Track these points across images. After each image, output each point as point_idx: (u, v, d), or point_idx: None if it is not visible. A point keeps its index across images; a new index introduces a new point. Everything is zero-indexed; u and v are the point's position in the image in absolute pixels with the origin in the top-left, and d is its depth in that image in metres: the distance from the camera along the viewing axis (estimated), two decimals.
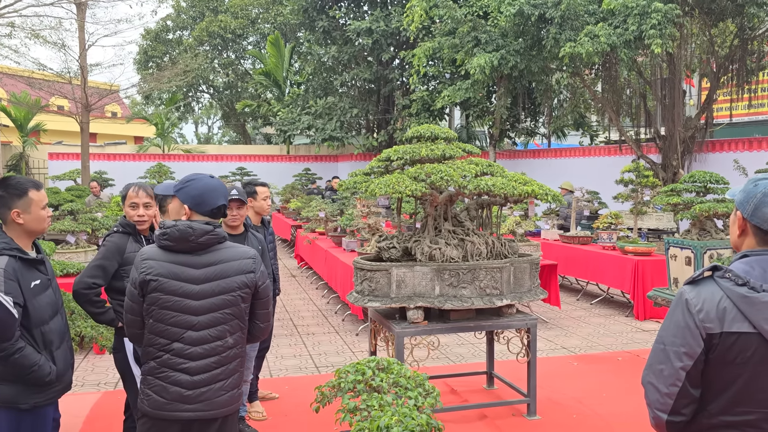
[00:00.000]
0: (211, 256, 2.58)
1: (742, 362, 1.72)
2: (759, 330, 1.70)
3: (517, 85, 15.92)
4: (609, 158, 15.98)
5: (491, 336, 5.41)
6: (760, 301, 1.69)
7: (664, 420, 1.83)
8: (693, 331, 1.76)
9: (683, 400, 1.80)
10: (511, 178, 4.67)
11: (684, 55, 14.08)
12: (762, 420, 1.74)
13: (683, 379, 1.78)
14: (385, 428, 1.59)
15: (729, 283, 1.75)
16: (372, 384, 2.09)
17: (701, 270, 1.86)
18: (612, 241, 8.83)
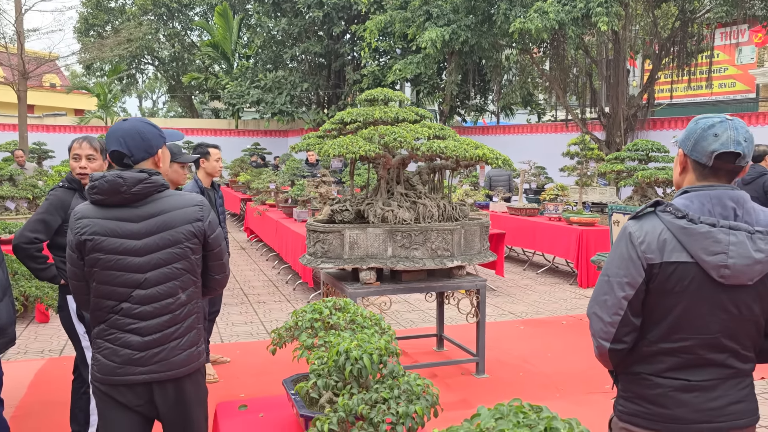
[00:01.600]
0: (152, 207, 2.35)
1: (680, 291, 1.82)
2: (696, 259, 1.80)
3: (467, 60, 16.04)
4: (555, 135, 16.35)
5: (441, 299, 5.51)
6: (698, 231, 1.79)
7: (607, 348, 1.92)
8: (635, 261, 1.85)
9: (625, 329, 1.89)
10: (462, 141, 4.74)
11: (628, 36, 14.45)
12: (697, 346, 1.85)
13: (625, 308, 1.87)
14: (345, 352, 1.62)
15: (669, 216, 1.84)
16: (329, 322, 2.11)
17: (644, 205, 1.95)
18: (558, 212, 9.08)
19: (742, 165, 1.85)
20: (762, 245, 1.78)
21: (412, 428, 1.50)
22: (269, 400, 2.54)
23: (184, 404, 2.39)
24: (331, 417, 1.54)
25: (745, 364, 1.90)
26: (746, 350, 1.88)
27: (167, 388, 2.36)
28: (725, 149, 1.81)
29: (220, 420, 2.39)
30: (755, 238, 1.78)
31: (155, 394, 2.35)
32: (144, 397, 2.35)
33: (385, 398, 1.53)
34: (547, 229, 8.90)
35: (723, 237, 1.78)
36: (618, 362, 1.97)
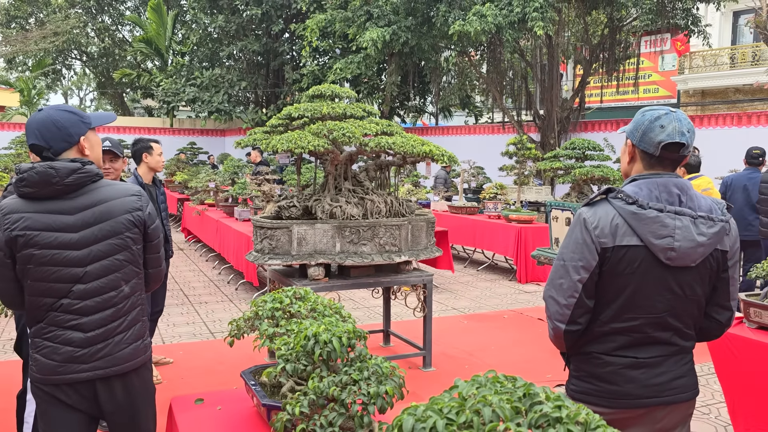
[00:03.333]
0: (87, 198, 2.23)
1: (630, 273, 1.92)
2: (645, 242, 1.90)
3: (407, 62, 16.21)
4: (493, 136, 16.73)
5: (388, 295, 5.56)
6: (647, 216, 1.90)
7: (563, 329, 2.01)
8: (590, 246, 1.95)
9: (579, 310, 1.98)
10: (409, 138, 4.80)
11: (561, 42, 14.97)
12: (645, 325, 1.96)
13: (580, 291, 1.96)
14: (314, 336, 1.63)
15: (620, 203, 1.95)
16: (290, 311, 2.11)
17: (597, 193, 2.06)
18: (497, 210, 9.30)
19: (685, 154, 1.98)
20: (704, 229, 1.91)
21: (383, 408, 1.52)
22: (226, 393, 2.50)
23: (131, 401, 2.31)
24: (301, 400, 1.54)
25: (687, 341, 2.02)
26: (688, 329, 2.01)
27: (113, 385, 2.28)
28: (671, 140, 1.93)
29: (176, 414, 2.34)
30: (698, 223, 1.91)
31: (100, 392, 2.27)
32: (88, 396, 2.26)
33: (356, 380, 1.55)
34: (487, 227, 9.10)
35: (669, 221, 1.89)
36: (572, 343, 2.06)
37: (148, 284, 2.46)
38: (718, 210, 1.97)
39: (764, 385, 3.08)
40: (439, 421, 0.99)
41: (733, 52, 21.02)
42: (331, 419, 1.50)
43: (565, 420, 0.99)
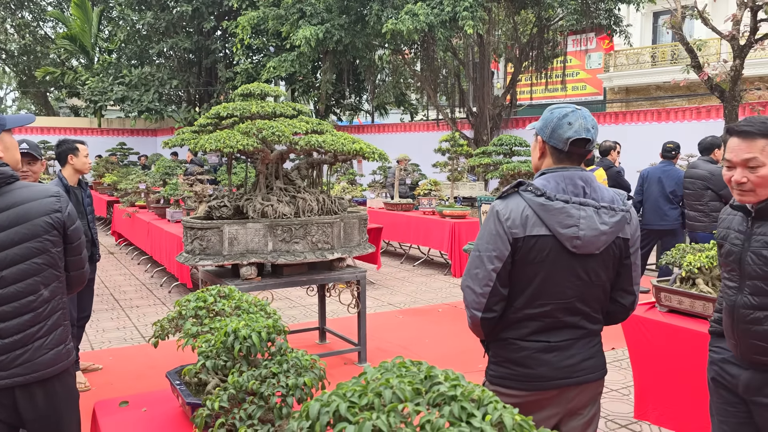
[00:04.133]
0: (2, 201, 2.18)
1: (540, 261, 2.03)
2: (553, 232, 2.02)
3: (342, 60, 16.23)
4: (428, 134, 16.96)
5: (323, 292, 5.59)
6: (554, 207, 2.02)
7: (479, 317, 2.10)
8: (502, 236, 2.04)
9: (494, 298, 2.07)
10: (340, 136, 4.84)
11: (492, 40, 15.33)
12: (555, 310, 2.07)
13: (494, 280, 2.06)
14: (233, 332, 1.66)
15: (530, 195, 2.05)
16: (214, 309, 2.12)
17: (508, 186, 2.16)
18: (431, 206, 9.46)
19: (590, 149, 2.11)
20: (606, 218, 2.04)
21: (301, 399, 1.56)
22: (152, 395, 2.48)
23: (54, 408, 2.26)
24: (221, 395, 1.57)
25: (595, 325, 2.15)
26: (595, 313, 2.14)
27: (34, 392, 2.21)
28: (578, 136, 2.05)
29: (99, 418, 2.31)
30: (601, 213, 2.04)
31: (19, 400, 2.19)
32: (7, 404, 2.19)
33: (275, 373, 1.59)
34: (422, 223, 9.25)
35: (575, 212, 2.01)
36: (489, 331, 2.15)
37: (71, 287, 2.41)
38: (620, 200, 2.11)
39: (672, 366, 3.28)
40: (342, 404, 1.04)
41: (654, 51, 22.04)
42: (251, 412, 1.53)
43: (460, 398, 1.06)
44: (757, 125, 2.13)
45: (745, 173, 2.13)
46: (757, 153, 2.11)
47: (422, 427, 1.01)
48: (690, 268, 3.33)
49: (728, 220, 2.32)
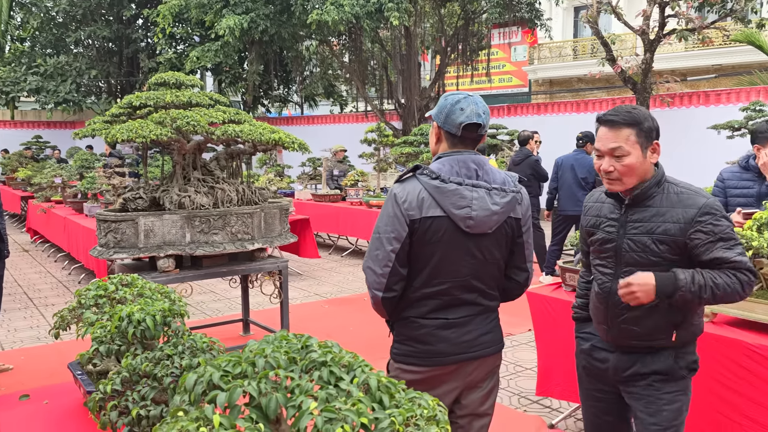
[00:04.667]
0: None
1: (436, 241, 2.12)
2: (447, 213, 2.10)
3: (268, 50, 16.04)
4: (357, 125, 17.01)
5: (246, 283, 5.56)
6: (447, 189, 2.10)
7: (380, 297, 2.17)
8: (400, 218, 2.12)
9: (394, 278, 2.14)
10: (259, 126, 4.82)
11: (419, 32, 15.51)
12: (452, 288, 2.16)
13: (393, 260, 2.13)
14: (127, 316, 1.66)
15: (426, 178, 2.13)
16: (116, 297, 2.10)
17: (406, 170, 2.23)
18: (359, 197, 9.53)
19: (482, 134, 2.20)
20: (497, 199, 2.14)
21: None
22: (55, 387, 2.43)
23: None
24: (114, 378, 1.57)
25: (491, 301, 2.25)
26: (491, 290, 2.24)
27: None
28: (470, 120, 2.14)
29: None
30: (492, 194, 2.14)
31: None
32: None
33: (170, 355, 1.61)
34: (350, 214, 9.30)
35: (468, 193, 2.10)
36: (391, 310, 2.23)
37: None
38: (510, 182, 2.22)
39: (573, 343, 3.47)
40: (215, 373, 1.08)
41: (575, 45, 22.85)
42: (144, 393, 1.54)
43: (330, 363, 1.11)
44: (622, 114, 2.15)
45: (612, 162, 2.16)
46: (621, 142, 2.14)
47: (292, 391, 1.06)
48: None
49: (596, 208, 2.34)
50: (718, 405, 2.82)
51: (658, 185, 2.19)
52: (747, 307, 2.82)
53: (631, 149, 2.14)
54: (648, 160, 2.17)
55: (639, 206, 2.19)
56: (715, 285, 2.08)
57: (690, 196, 2.15)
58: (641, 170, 2.16)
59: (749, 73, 16.30)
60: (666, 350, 2.20)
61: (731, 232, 2.13)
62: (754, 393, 2.69)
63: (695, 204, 2.12)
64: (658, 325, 2.17)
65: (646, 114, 2.17)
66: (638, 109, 2.18)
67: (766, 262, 2.77)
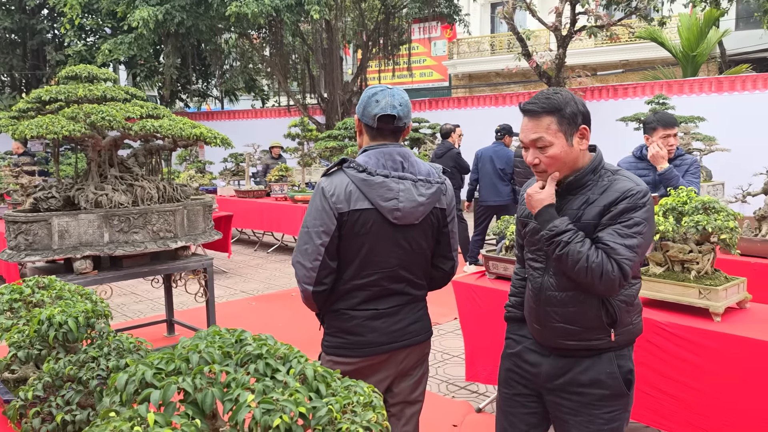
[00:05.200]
0: None
1: (364, 233, 2.14)
2: (375, 205, 2.13)
3: (185, 43, 15.57)
4: (280, 120, 16.81)
5: (169, 283, 5.41)
6: (375, 182, 2.13)
7: (311, 291, 2.18)
8: (328, 212, 2.13)
9: (324, 272, 2.16)
10: (179, 120, 4.69)
11: (340, 26, 15.48)
12: (381, 279, 2.19)
13: (323, 254, 2.14)
14: (48, 319, 1.59)
15: (353, 171, 2.16)
16: (32, 301, 2.01)
17: (333, 164, 2.25)
18: (283, 192, 9.44)
19: (400, 125, 2.21)
20: (423, 190, 2.19)
21: None
22: None
23: None
24: (35, 384, 1.51)
25: (419, 291, 2.31)
26: (419, 279, 2.29)
27: None
28: (384, 112, 2.17)
29: None
30: (418, 185, 2.18)
31: None
32: None
33: (95, 357, 1.56)
34: (275, 209, 9.20)
35: (394, 185, 2.14)
36: (322, 303, 2.24)
37: None
38: (435, 173, 2.27)
39: (498, 329, 3.59)
40: (147, 371, 1.06)
41: (492, 40, 23.45)
42: (69, 398, 1.49)
43: (266, 355, 1.12)
44: (541, 102, 1.99)
45: (536, 154, 2.02)
46: (542, 132, 1.98)
47: (228, 386, 1.06)
48: (513, 237, 3.65)
49: None
50: None
51: (593, 173, 2.04)
52: (655, 287, 3.01)
53: (554, 139, 1.98)
54: (576, 147, 2.00)
55: (571, 194, 2.05)
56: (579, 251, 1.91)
57: (619, 182, 1.99)
58: (569, 159, 2.00)
59: (653, 68, 17.28)
60: (605, 354, 2.04)
61: (641, 224, 1.94)
62: (663, 367, 2.89)
63: (620, 189, 1.97)
64: (592, 323, 2.01)
65: (568, 98, 1.99)
66: (560, 93, 2.00)
67: (672, 244, 2.97)
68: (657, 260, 3.08)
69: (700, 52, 15.34)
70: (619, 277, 1.90)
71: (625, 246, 1.92)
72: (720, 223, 2.82)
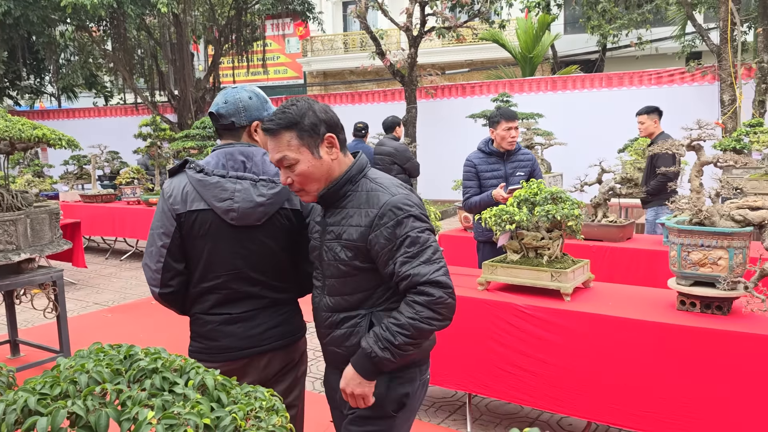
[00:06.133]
0: None
1: (204, 234, 2.08)
2: (210, 206, 2.06)
3: (13, 35, 14.13)
4: (127, 118, 15.86)
5: (11, 299, 4.92)
6: (209, 182, 2.07)
7: (158, 293, 2.12)
8: (167, 213, 2.08)
9: (168, 273, 2.09)
10: (17, 121, 4.28)
11: (190, 21, 14.87)
12: (229, 281, 2.11)
13: (165, 255, 2.08)
14: None
15: (192, 172, 2.10)
16: None
17: (176, 165, 2.19)
18: (136, 195, 8.92)
19: (226, 123, 2.15)
20: (264, 191, 2.09)
21: None
22: None
23: None
24: None
25: (280, 294, 2.18)
26: (277, 281, 2.17)
27: None
28: (211, 110, 2.19)
29: None
30: (259, 185, 2.09)
31: None
32: None
33: None
34: (127, 214, 8.68)
35: (230, 186, 2.06)
36: (177, 306, 2.18)
37: None
38: None
39: None
40: (30, 398, 0.99)
41: (346, 38, 23.72)
42: None
43: (161, 369, 1.09)
44: (277, 118, 1.87)
45: (287, 173, 1.90)
46: (284, 150, 1.87)
47: (123, 404, 1.02)
48: None
49: (311, 210, 2.15)
50: (495, 360, 3.23)
51: (351, 182, 1.93)
52: (513, 273, 3.26)
53: (297, 155, 1.87)
54: (326, 158, 1.89)
55: (335, 208, 1.95)
56: (401, 329, 1.79)
57: (377, 194, 1.88)
58: (320, 173, 1.90)
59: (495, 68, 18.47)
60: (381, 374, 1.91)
61: (421, 234, 1.83)
62: (522, 346, 3.14)
63: (378, 203, 1.85)
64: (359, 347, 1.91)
65: (304, 108, 1.87)
66: (296, 104, 1.88)
67: (526, 233, 3.23)
68: (514, 248, 3.33)
69: (536, 53, 16.64)
70: (442, 294, 1.79)
71: (424, 262, 1.80)
72: (567, 212, 3.11)
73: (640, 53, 15.50)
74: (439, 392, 4.04)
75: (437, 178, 11.88)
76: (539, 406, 3.14)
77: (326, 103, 14.98)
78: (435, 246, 1.85)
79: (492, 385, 3.26)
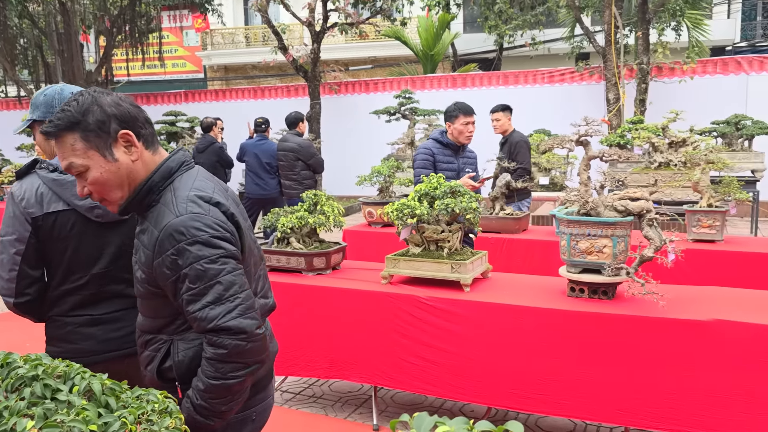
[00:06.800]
0: None
1: (65, 235, 1.98)
2: (72, 206, 1.98)
3: None
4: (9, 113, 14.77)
5: None
6: (67, 181, 1.98)
7: (12, 303, 1.99)
8: (20, 218, 1.96)
9: (24, 282, 1.98)
10: None
11: (78, 9, 14.03)
12: (92, 282, 2.02)
13: (20, 263, 1.96)
14: None
15: (44, 172, 2.00)
16: None
17: (23, 166, 2.06)
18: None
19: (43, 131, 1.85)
20: None
21: None
22: None
23: None
24: None
25: None
26: None
27: None
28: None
29: None
30: None
31: None
32: None
33: None
34: None
35: None
36: (36, 313, 2.06)
37: None
38: None
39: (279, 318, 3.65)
40: None
41: (247, 32, 23.21)
42: None
43: (42, 376, 1.03)
44: (56, 119, 1.57)
45: (82, 183, 1.62)
46: (70, 156, 1.57)
47: (1, 415, 0.96)
48: (284, 229, 3.72)
49: None
50: (399, 352, 3.28)
51: (153, 192, 1.63)
52: (415, 266, 3.33)
53: (85, 160, 1.58)
54: (124, 160, 1.60)
55: (143, 219, 1.68)
56: (208, 393, 1.54)
57: (165, 212, 1.58)
58: (120, 178, 1.61)
59: (398, 65, 18.72)
60: None
61: (210, 266, 1.53)
62: (425, 337, 3.21)
63: (161, 222, 1.57)
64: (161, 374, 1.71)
65: (87, 104, 1.57)
66: (77, 100, 1.58)
67: (428, 226, 3.31)
68: (415, 241, 3.41)
69: (437, 51, 17.01)
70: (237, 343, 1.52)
71: (211, 303, 1.52)
72: (465, 205, 3.22)
73: (534, 53, 16.22)
74: (345, 387, 4.06)
75: (342, 174, 11.90)
76: (442, 395, 3.23)
77: (228, 98, 14.59)
78: (229, 278, 1.54)
79: (396, 376, 3.32)
